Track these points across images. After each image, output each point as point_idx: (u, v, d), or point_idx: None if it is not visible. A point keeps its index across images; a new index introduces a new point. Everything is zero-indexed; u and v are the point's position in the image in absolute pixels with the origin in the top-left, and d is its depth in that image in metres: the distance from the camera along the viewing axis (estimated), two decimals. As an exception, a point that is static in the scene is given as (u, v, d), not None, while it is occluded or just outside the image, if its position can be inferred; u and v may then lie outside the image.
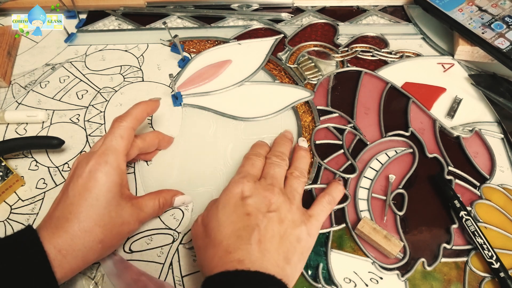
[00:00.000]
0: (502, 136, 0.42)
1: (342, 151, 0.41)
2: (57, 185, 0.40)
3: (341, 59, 0.49)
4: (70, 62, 0.51)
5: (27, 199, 0.39)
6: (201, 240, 0.31)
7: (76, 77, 0.49)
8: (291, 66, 0.49)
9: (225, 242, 0.29)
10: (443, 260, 0.34)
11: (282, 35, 0.52)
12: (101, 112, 0.46)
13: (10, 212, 0.38)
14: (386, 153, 0.41)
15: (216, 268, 0.28)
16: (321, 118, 0.44)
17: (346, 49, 0.50)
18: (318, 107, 0.44)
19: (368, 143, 0.41)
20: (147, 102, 0.37)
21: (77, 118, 0.45)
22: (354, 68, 0.48)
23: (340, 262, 0.34)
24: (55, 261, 0.28)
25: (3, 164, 0.39)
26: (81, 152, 0.42)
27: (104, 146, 0.33)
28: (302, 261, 0.31)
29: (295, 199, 0.33)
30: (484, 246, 0.33)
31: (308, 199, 0.38)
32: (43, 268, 0.28)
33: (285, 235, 0.30)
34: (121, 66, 0.50)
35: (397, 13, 0.55)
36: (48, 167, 0.41)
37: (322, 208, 0.34)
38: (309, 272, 0.34)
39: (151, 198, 0.35)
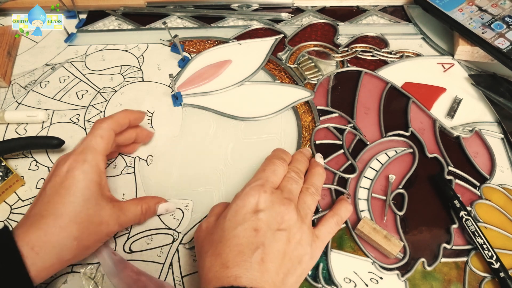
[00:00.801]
0: (502, 136, 0.42)
1: (342, 151, 0.41)
2: (57, 185, 0.40)
3: (341, 59, 0.49)
4: (70, 62, 0.51)
5: (27, 199, 0.39)
6: (202, 247, 0.30)
7: (76, 77, 0.49)
8: (291, 66, 0.49)
9: (224, 255, 0.28)
10: (443, 260, 0.34)
11: (282, 35, 0.52)
12: (101, 112, 0.46)
13: (10, 212, 0.38)
14: (386, 153, 0.41)
15: (212, 281, 0.27)
16: (321, 118, 0.44)
17: (346, 49, 0.50)
18: (318, 107, 0.44)
19: (368, 143, 0.41)
20: (132, 110, 0.38)
21: (77, 118, 0.45)
22: (354, 68, 0.48)
23: (340, 262, 0.34)
24: (27, 259, 0.28)
25: (3, 164, 0.39)
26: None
27: (83, 146, 0.33)
28: (299, 282, 0.30)
29: (307, 217, 0.32)
30: (484, 246, 0.33)
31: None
32: (16, 266, 0.27)
33: (288, 255, 0.29)
34: (121, 66, 0.50)
35: (397, 13, 0.55)
36: (48, 167, 0.41)
37: (329, 230, 0.33)
38: (309, 272, 0.34)
39: (134, 204, 0.35)
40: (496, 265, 0.32)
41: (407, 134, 0.42)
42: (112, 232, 0.33)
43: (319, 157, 0.39)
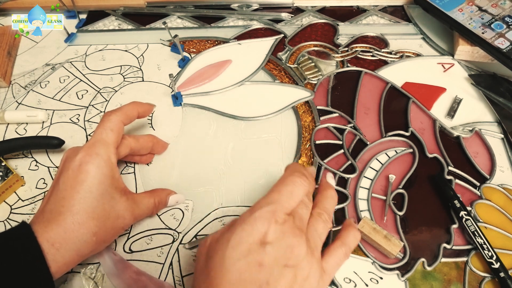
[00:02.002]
0: (502, 136, 0.42)
1: (342, 151, 0.41)
2: (57, 185, 0.40)
3: (341, 59, 0.49)
4: (70, 62, 0.51)
5: (27, 199, 0.39)
6: (200, 269, 0.28)
7: (76, 77, 0.49)
8: (291, 66, 0.49)
9: None
10: (443, 260, 0.34)
11: (282, 35, 0.52)
12: (101, 112, 0.46)
13: (10, 212, 0.38)
14: (386, 153, 0.41)
15: None
16: (321, 118, 0.44)
17: (346, 49, 0.50)
18: (318, 107, 0.44)
19: (368, 143, 0.41)
20: (141, 102, 0.37)
21: (77, 118, 0.45)
22: (354, 68, 0.48)
23: (340, 262, 0.34)
24: (48, 255, 0.28)
25: (3, 164, 0.39)
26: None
27: (94, 139, 0.33)
28: None
29: (317, 249, 0.28)
30: (484, 246, 0.33)
31: (308, 199, 0.38)
32: (37, 262, 0.27)
33: None
34: (121, 66, 0.50)
35: (397, 13, 0.55)
36: (48, 167, 0.41)
37: (338, 261, 0.30)
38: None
39: (147, 196, 0.35)
40: (496, 265, 0.32)
41: (407, 134, 0.42)
42: (128, 225, 0.33)
43: (330, 178, 0.34)
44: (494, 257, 0.33)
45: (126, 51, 0.52)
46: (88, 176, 0.30)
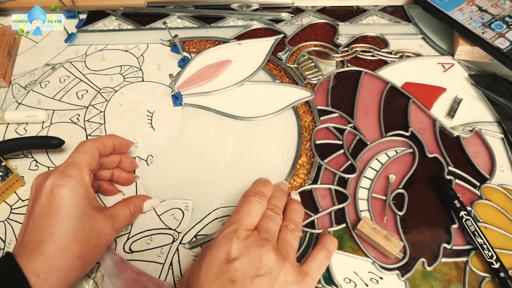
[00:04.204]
0: (502, 136, 0.42)
1: (342, 151, 0.41)
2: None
3: (341, 59, 0.49)
4: (70, 62, 0.51)
5: (27, 199, 0.39)
6: None
7: (76, 77, 0.49)
8: (291, 66, 0.49)
9: None
10: (443, 260, 0.34)
11: (282, 35, 0.52)
12: (101, 112, 0.46)
13: (10, 212, 0.38)
14: (386, 153, 0.41)
15: None
16: (321, 118, 0.44)
17: (346, 49, 0.50)
18: (318, 107, 0.44)
19: (368, 143, 0.41)
20: (118, 136, 0.37)
21: (77, 118, 0.45)
22: (354, 68, 0.48)
23: (340, 262, 0.34)
24: (36, 287, 0.27)
25: (3, 164, 0.39)
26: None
27: (66, 162, 0.32)
28: None
29: (289, 255, 0.29)
30: (484, 246, 0.33)
31: (309, 199, 0.38)
32: None
33: None
34: (121, 66, 0.50)
35: (397, 13, 0.55)
36: (48, 167, 0.41)
37: (319, 265, 0.31)
38: None
39: (122, 207, 0.35)
40: (496, 265, 0.32)
41: (407, 134, 0.42)
42: (110, 241, 0.33)
43: (294, 194, 0.37)
44: (494, 257, 0.33)
45: (126, 51, 0.52)
46: (63, 199, 0.30)
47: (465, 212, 0.35)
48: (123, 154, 0.39)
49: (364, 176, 0.39)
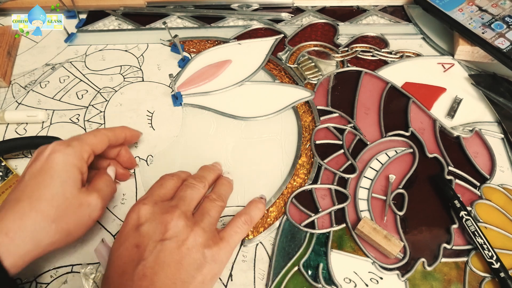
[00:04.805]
0: (502, 136, 0.42)
1: (342, 151, 0.41)
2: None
3: (341, 59, 0.49)
4: (70, 62, 0.51)
5: (27, 199, 0.39)
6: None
7: (76, 77, 0.49)
8: (291, 66, 0.49)
9: (110, 279, 0.27)
10: (443, 260, 0.34)
11: (282, 35, 0.52)
12: (101, 112, 0.46)
13: (10, 212, 0.38)
14: (386, 153, 0.41)
15: None
16: (321, 118, 0.44)
17: (346, 49, 0.50)
18: (318, 107, 0.44)
19: (368, 143, 0.41)
20: (129, 128, 0.38)
21: (77, 118, 0.45)
22: (354, 68, 0.48)
23: (340, 262, 0.34)
24: (1, 246, 0.26)
25: (3, 164, 0.39)
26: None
27: (72, 137, 0.32)
28: None
29: (202, 221, 0.30)
30: (484, 246, 0.33)
31: (309, 199, 0.38)
32: None
33: (181, 262, 0.27)
34: (121, 66, 0.50)
35: (397, 13, 0.55)
36: (48, 167, 0.41)
37: (236, 230, 0.31)
38: (309, 272, 0.34)
39: (100, 176, 0.34)
40: (496, 265, 0.32)
41: (407, 134, 0.42)
42: (97, 212, 0.32)
43: (226, 173, 0.38)
44: (494, 257, 0.33)
45: (126, 51, 0.52)
46: (54, 163, 0.30)
47: (465, 212, 0.35)
48: (123, 148, 0.39)
49: (364, 176, 0.39)
